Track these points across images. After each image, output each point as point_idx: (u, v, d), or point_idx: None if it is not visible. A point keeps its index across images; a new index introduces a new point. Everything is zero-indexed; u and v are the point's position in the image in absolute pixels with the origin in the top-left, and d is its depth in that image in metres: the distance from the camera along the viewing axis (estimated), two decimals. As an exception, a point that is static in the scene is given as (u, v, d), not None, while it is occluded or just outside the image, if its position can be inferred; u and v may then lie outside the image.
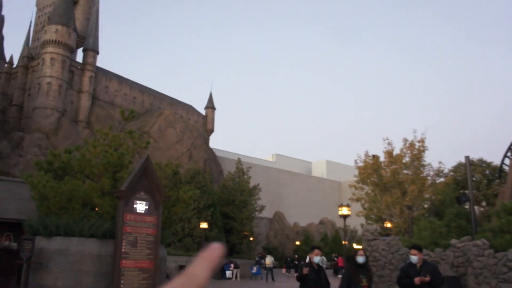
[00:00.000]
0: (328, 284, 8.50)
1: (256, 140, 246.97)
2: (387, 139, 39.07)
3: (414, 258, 8.30)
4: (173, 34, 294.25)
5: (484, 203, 47.95)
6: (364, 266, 8.40)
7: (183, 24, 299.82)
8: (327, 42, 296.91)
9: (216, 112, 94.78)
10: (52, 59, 68.33)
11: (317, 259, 8.55)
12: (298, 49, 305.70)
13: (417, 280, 7.87)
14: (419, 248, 8.47)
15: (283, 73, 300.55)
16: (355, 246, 47.58)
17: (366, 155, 40.10)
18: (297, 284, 8.55)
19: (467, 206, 30.27)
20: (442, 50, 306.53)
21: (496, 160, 46.75)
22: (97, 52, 76.09)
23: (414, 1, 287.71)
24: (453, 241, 18.56)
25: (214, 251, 0.80)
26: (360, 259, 8.35)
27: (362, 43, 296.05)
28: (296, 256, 52.96)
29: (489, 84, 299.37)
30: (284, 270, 50.22)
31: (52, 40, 68.50)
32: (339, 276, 39.75)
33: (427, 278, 7.85)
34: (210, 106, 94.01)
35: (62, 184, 12.19)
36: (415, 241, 22.10)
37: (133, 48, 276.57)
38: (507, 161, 36.97)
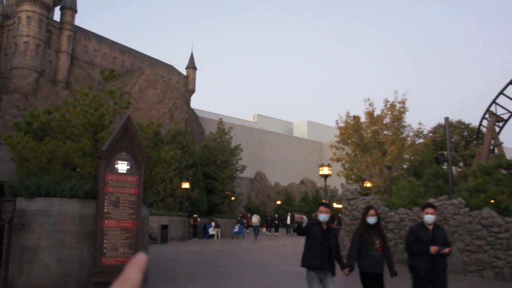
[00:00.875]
0: (337, 246, 7.49)
1: (238, 101, 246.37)
2: (368, 100, 39.31)
3: (431, 218, 7.10)
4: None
5: (461, 164, 48.92)
6: (376, 227, 7.54)
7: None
8: (312, 4, 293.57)
9: (197, 72, 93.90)
10: (28, 17, 66.42)
11: (322, 217, 7.41)
12: (281, 11, 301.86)
13: (434, 250, 6.80)
14: (435, 207, 7.32)
15: (266, 34, 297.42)
16: (335, 205, 48.35)
17: (347, 115, 40.35)
18: (281, 241, 8.16)
19: (445, 167, 30.89)
20: (423, 13, 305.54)
21: (474, 122, 47.52)
22: (75, 11, 74.09)
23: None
24: (431, 200, 19.00)
25: (141, 258, 0.92)
26: (371, 219, 7.51)
27: (345, 4, 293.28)
28: (276, 215, 53.55)
29: (469, 47, 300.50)
30: (264, 230, 50.51)
31: (28, -3, 66.45)
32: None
33: (447, 250, 6.85)
34: (191, 66, 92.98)
35: (42, 145, 12.08)
36: (394, 201, 22.57)
37: (113, 7, 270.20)
38: (484, 122, 37.57)
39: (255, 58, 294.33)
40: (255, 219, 41.46)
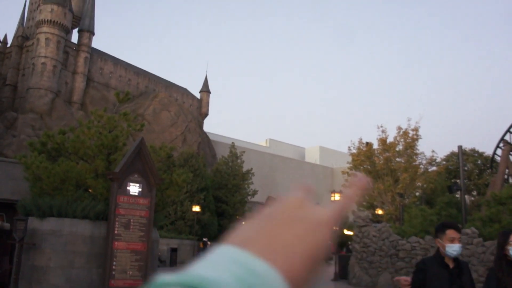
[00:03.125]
0: None
1: (250, 125, 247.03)
2: (381, 126, 39.27)
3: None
4: (170, 16, 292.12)
5: (475, 193, 48.38)
6: None
7: (181, 6, 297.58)
8: (326, 32, 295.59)
9: (211, 96, 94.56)
10: (47, 39, 67.74)
11: (454, 248, 4.23)
12: (295, 36, 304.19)
13: None
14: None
15: (279, 59, 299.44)
16: (346, 232, 47.88)
17: (360, 142, 40.27)
18: None
19: (458, 195, 30.55)
20: (438, 41, 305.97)
21: (488, 151, 47.16)
22: (92, 33, 75.44)
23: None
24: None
25: (363, 179, 0.68)
26: None
27: (362, 34, 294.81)
28: None
29: (484, 76, 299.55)
30: None
31: (47, 20, 67.85)
32: (330, 262, 40.05)
33: None
34: (205, 89, 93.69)
35: (55, 165, 12.19)
36: (406, 229, 22.33)
37: (129, 30, 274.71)
38: (499, 151, 37.25)
39: (268, 83, 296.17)
40: None
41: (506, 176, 35.78)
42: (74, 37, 77.66)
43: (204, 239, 39.46)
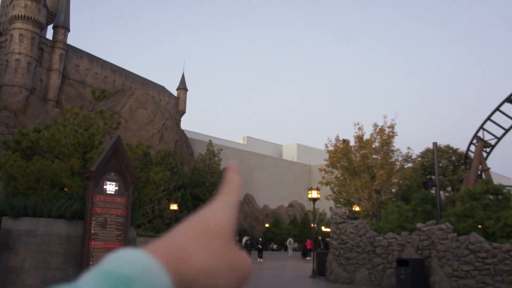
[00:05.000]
0: None
1: (228, 123, 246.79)
2: (358, 124, 39.61)
3: None
4: (146, 13, 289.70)
5: (449, 189, 49.13)
6: None
7: (157, 3, 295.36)
8: (302, 28, 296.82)
9: (188, 93, 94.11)
10: (20, 35, 66.52)
11: None
12: (271, 34, 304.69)
13: None
14: None
15: (256, 57, 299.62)
16: (324, 228, 48.22)
17: (337, 139, 40.52)
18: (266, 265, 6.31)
19: (433, 191, 31.00)
20: (414, 39, 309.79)
21: (462, 147, 47.90)
22: (68, 30, 74.31)
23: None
24: (419, 225, 19.04)
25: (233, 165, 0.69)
26: None
27: (339, 32, 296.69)
28: (260, 239, 44.75)
29: (458, 74, 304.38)
30: None
31: (21, 15, 66.61)
32: (307, 258, 40.27)
33: None
34: (182, 87, 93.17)
35: (30, 164, 12.01)
36: (382, 225, 22.58)
37: (105, 27, 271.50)
38: (472, 148, 37.86)
39: (246, 80, 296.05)
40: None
41: (479, 172, 36.41)
42: (49, 33, 76.47)
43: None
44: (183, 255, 0.51)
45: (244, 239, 45.01)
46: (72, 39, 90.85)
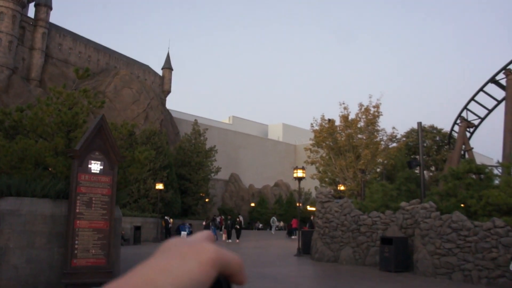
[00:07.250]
0: None
1: (213, 102, 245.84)
2: (343, 103, 39.68)
3: None
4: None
5: (433, 168, 49.62)
6: None
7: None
8: (289, 10, 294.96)
9: (173, 73, 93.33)
10: (1, 13, 65.08)
11: None
12: (257, 14, 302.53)
13: None
14: None
15: (242, 36, 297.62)
16: (309, 208, 48.58)
17: (322, 119, 40.60)
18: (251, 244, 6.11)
19: (417, 171, 31.31)
20: (401, 20, 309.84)
21: (446, 127, 48.29)
22: (50, 8, 72.86)
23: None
24: (403, 203, 19.26)
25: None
26: None
27: (325, 13, 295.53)
28: (238, 219, 41.07)
29: (443, 54, 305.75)
30: (224, 237, 37.80)
31: (1, -8, 65.21)
32: (293, 237, 40.58)
33: None
34: (167, 66, 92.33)
35: (13, 143, 11.87)
36: (367, 204, 22.81)
37: (89, 5, 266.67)
38: (456, 128, 38.24)
39: (231, 60, 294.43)
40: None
41: (462, 152, 36.84)
42: (31, 11, 74.95)
43: (166, 217, 39.26)
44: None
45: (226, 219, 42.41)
46: (55, 18, 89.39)
